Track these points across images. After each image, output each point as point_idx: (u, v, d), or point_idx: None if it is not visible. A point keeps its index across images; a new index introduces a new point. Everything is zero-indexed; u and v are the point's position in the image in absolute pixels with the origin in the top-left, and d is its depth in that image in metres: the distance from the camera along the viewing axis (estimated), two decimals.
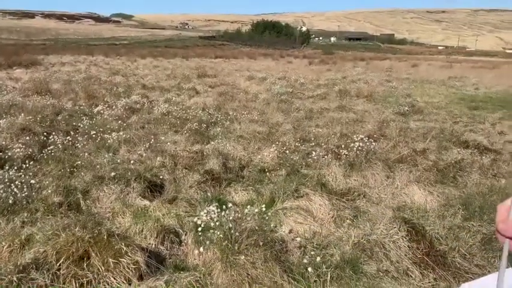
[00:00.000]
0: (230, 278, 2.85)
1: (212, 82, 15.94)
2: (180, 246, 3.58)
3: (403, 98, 13.18)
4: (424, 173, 5.36)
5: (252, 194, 4.62)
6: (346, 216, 3.97)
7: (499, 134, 8.23)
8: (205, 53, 44.38)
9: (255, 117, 9.10)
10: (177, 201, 4.30)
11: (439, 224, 3.72)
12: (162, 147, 6.25)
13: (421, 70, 27.11)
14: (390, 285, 2.92)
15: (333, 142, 6.90)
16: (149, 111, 9.34)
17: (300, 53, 56.25)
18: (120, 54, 34.96)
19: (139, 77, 17.41)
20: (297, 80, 17.50)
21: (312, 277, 2.99)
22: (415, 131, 8.02)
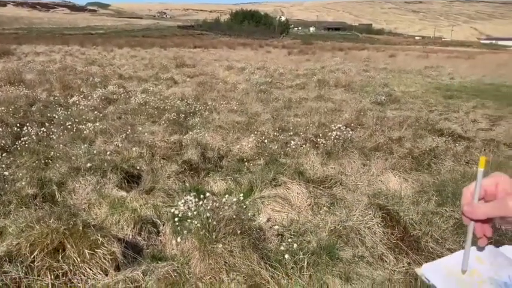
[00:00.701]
0: (208, 266, 2.86)
1: (191, 72, 15.80)
2: (158, 237, 3.57)
3: (381, 87, 13.34)
4: (399, 161, 5.46)
5: (231, 183, 4.63)
6: (323, 204, 4.03)
7: (472, 122, 8.43)
8: (184, 42, 43.87)
9: (234, 107, 9.07)
10: (155, 191, 4.27)
11: (413, 209, 3.81)
12: (140, 137, 6.18)
13: (399, 60, 27.46)
14: (365, 270, 2.98)
15: (311, 131, 6.94)
16: (126, 102, 9.21)
17: (279, 43, 56.12)
18: (96, 44, 34.26)
19: (116, 67, 17.12)
20: (276, 70, 17.50)
21: (289, 264, 3.03)
22: (391, 119, 8.14)
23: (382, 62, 24.55)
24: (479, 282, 0.75)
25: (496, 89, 14.66)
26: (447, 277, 0.77)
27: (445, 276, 0.77)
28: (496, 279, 0.75)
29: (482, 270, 0.77)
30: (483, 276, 0.76)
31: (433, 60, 28.10)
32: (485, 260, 0.79)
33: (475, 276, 0.77)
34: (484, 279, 0.76)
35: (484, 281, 0.75)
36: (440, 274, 0.78)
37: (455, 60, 29.36)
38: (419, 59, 28.63)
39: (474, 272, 0.77)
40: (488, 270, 0.77)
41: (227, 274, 2.76)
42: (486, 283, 0.75)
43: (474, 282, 0.75)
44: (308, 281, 2.88)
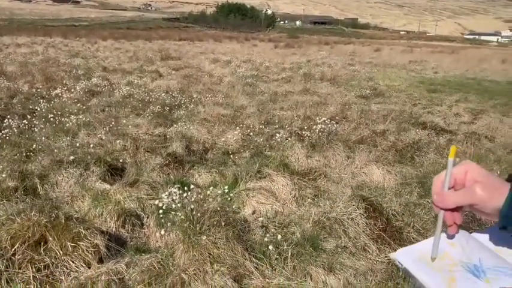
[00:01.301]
0: (192, 258, 2.86)
1: (176, 65, 15.67)
2: (142, 229, 3.56)
3: (365, 81, 13.43)
4: (383, 153, 5.52)
5: (216, 176, 4.62)
6: (308, 196, 4.05)
7: (455, 116, 8.56)
8: (169, 35, 43.46)
9: (220, 100, 9.04)
10: (139, 184, 4.24)
11: (395, 201, 3.86)
12: (124, 130, 6.13)
13: (384, 54, 27.68)
14: (348, 260, 3.01)
15: (297, 124, 6.96)
16: (110, 94, 9.09)
17: (265, 36, 55.99)
18: (80, 36, 33.68)
19: (100, 60, 16.88)
20: (262, 63, 17.48)
21: (273, 255, 3.05)
22: (375, 113, 8.21)
23: (367, 56, 24.70)
24: (451, 265, 0.77)
25: (478, 84, 14.89)
26: (419, 261, 0.79)
27: (417, 260, 0.79)
28: (467, 263, 0.77)
29: (454, 254, 0.79)
30: (454, 259, 0.78)
31: (417, 54, 28.39)
32: (457, 244, 0.81)
33: (446, 259, 0.78)
34: (455, 262, 0.77)
35: (455, 264, 0.77)
36: (413, 258, 0.80)
37: (439, 54, 29.72)
38: (404, 54, 28.89)
39: (446, 255, 0.79)
40: (459, 253, 0.79)
41: (211, 265, 2.76)
42: (457, 266, 0.76)
43: (445, 265, 0.77)
44: (292, 271, 2.91)
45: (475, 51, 37.47)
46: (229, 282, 2.64)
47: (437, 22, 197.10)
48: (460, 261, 0.77)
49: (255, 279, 2.77)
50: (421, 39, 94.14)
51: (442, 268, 0.76)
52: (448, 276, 0.74)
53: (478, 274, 0.74)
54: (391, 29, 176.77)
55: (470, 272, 0.75)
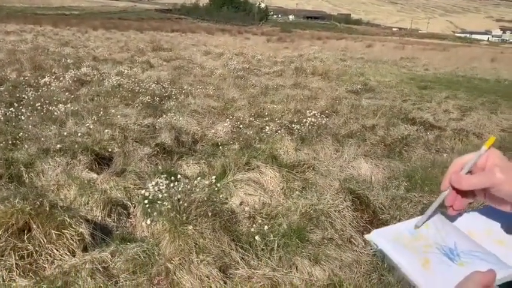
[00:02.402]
0: (178, 247, 2.85)
1: (167, 56, 15.55)
2: (128, 219, 3.54)
3: (357, 76, 13.46)
4: (372, 148, 5.54)
5: (204, 167, 4.60)
6: (296, 188, 4.06)
7: (444, 112, 8.61)
8: (161, 26, 43.09)
9: (211, 92, 9.00)
10: (126, 174, 4.21)
11: (382, 194, 3.88)
12: (112, 120, 6.07)
13: (375, 50, 27.75)
14: (334, 252, 3.02)
15: (287, 118, 6.96)
16: (99, 84, 9.00)
17: (258, 29, 55.79)
18: (71, 25, 33.27)
19: (90, 49, 16.69)
20: (254, 56, 17.42)
21: (259, 245, 3.05)
22: (366, 108, 8.24)
23: (359, 52, 24.73)
24: (425, 247, 0.77)
25: (468, 81, 15.01)
26: (394, 242, 0.79)
27: (392, 241, 0.79)
28: (442, 245, 0.77)
29: (429, 236, 0.79)
30: (429, 241, 0.78)
31: (409, 51, 28.51)
32: (433, 226, 0.81)
33: (421, 241, 0.78)
34: (430, 243, 0.77)
35: (430, 245, 0.77)
36: (388, 239, 0.80)
37: (431, 52, 29.88)
38: (395, 50, 29.00)
39: (421, 236, 0.79)
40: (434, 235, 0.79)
41: (197, 255, 2.75)
42: (432, 248, 0.76)
43: (420, 246, 0.77)
44: (278, 262, 2.91)
45: (465, 50, 37.73)
46: (214, 272, 2.63)
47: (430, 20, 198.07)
48: (435, 243, 0.77)
49: (241, 269, 2.77)
50: (413, 36, 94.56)
51: (416, 249, 0.76)
52: (422, 257, 0.74)
53: (452, 257, 0.74)
54: (384, 26, 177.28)
55: (445, 255, 0.75)
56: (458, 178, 0.77)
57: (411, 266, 0.73)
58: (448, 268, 0.72)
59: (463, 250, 0.76)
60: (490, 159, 0.76)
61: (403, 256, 0.75)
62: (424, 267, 0.73)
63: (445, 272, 0.71)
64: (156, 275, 2.64)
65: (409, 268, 0.73)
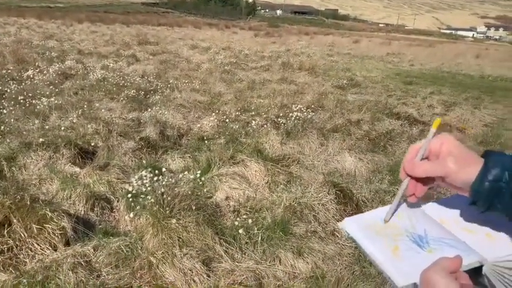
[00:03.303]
0: (161, 241, 2.84)
1: (154, 50, 15.41)
2: (112, 213, 3.51)
3: (343, 72, 13.51)
4: (356, 142, 5.58)
5: (189, 161, 4.59)
6: (280, 182, 4.07)
7: (428, 107, 8.70)
8: (148, 20, 42.63)
9: (197, 86, 8.96)
10: (110, 168, 4.17)
11: (366, 188, 3.92)
12: (97, 114, 6.01)
13: (362, 46, 27.87)
14: (317, 244, 3.05)
15: (273, 112, 6.97)
16: (84, 77, 8.88)
17: (245, 24, 55.56)
18: (55, 18, 32.69)
19: (75, 42, 16.45)
20: (241, 51, 17.37)
21: (243, 239, 3.06)
22: (351, 103, 8.28)
23: (346, 48, 24.84)
24: (396, 234, 0.78)
25: (453, 77, 15.18)
26: (366, 229, 0.79)
27: (364, 229, 0.80)
28: (412, 233, 0.78)
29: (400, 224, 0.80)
30: (400, 229, 0.79)
31: (395, 47, 28.71)
32: (405, 215, 0.82)
33: (392, 228, 0.80)
34: (400, 231, 0.78)
35: (401, 233, 0.78)
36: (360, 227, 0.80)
37: (416, 48, 30.13)
38: (382, 46, 29.17)
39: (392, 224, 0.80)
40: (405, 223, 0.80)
41: (180, 249, 2.75)
42: (402, 235, 0.77)
43: (391, 234, 0.78)
44: (261, 255, 2.93)
45: (451, 46, 38.13)
46: (197, 265, 2.63)
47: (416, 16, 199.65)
48: (405, 231, 0.79)
49: (224, 262, 2.78)
50: (399, 32, 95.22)
51: (387, 236, 0.77)
52: (392, 244, 0.75)
53: (421, 244, 0.75)
54: (371, 21, 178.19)
55: (414, 242, 0.76)
56: (411, 165, 0.77)
57: (381, 253, 0.74)
58: (417, 255, 0.73)
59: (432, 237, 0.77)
60: (444, 146, 0.75)
61: (373, 243, 0.76)
62: (394, 253, 0.74)
63: (414, 258, 0.73)
64: (139, 269, 2.63)
65: (378, 255, 0.74)
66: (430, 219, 0.82)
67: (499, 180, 0.69)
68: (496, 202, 0.70)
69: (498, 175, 0.69)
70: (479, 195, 0.70)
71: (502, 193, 0.69)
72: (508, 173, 0.69)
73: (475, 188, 0.70)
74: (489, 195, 0.70)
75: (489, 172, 0.69)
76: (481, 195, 0.70)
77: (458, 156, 0.73)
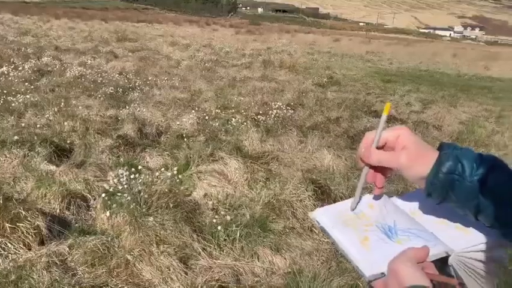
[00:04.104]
0: (138, 239, 2.82)
1: (133, 46, 15.23)
2: (88, 211, 3.46)
3: (323, 70, 13.61)
4: (335, 139, 5.64)
5: (168, 158, 4.55)
6: (259, 179, 4.08)
7: (406, 105, 8.84)
8: (127, 16, 42.09)
9: (177, 83, 8.90)
10: (86, 166, 4.11)
11: (344, 184, 3.97)
12: (73, 111, 5.91)
13: (342, 45, 28.10)
14: (295, 240, 3.07)
15: (254, 110, 6.98)
16: (61, 74, 8.72)
17: (226, 21, 55.36)
18: (32, 14, 31.92)
19: (52, 39, 16.12)
20: (222, 48, 17.31)
21: (221, 236, 3.05)
22: (331, 100, 8.36)
23: (326, 46, 25.01)
24: (366, 225, 0.79)
25: (430, 76, 15.46)
26: (336, 219, 0.80)
27: (334, 219, 0.81)
28: (382, 224, 0.79)
29: (371, 215, 0.82)
30: (370, 220, 0.80)
31: (374, 46, 29.04)
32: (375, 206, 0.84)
33: (363, 219, 0.81)
34: (370, 222, 0.80)
35: (371, 224, 0.79)
36: (330, 217, 0.81)
37: (395, 46, 30.56)
38: (361, 44, 29.46)
39: (363, 215, 0.82)
40: (376, 215, 0.82)
41: (157, 246, 2.73)
42: (372, 226, 0.79)
43: (361, 224, 0.79)
44: (240, 252, 2.93)
45: (429, 45, 38.80)
46: (175, 263, 2.62)
47: (395, 15, 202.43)
48: (375, 221, 0.80)
49: (202, 259, 2.78)
50: (379, 31, 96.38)
51: (357, 227, 0.78)
52: (362, 234, 0.77)
53: (390, 235, 0.77)
54: (351, 20, 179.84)
55: (383, 233, 0.77)
56: (367, 152, 0.77)
57: (349, 243, 0.75)
58: (386, 245, 0.75)
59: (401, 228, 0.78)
60: (400, 139, 0.76)
61: (343, 233, 0.77)
62: (363, 244, 0.75)
63: (382, 248, 0.74)
64: (116, 267, 2.61)
65: (347, 245, 0.75)
66: (400, 211, 0.84)
67: (453, 172, 0.70)
68: (450, 194, 0.72)
69: (452, 167, 0.71)
70: (434, 187, 0.72)
71: (456, 185, 0.70)
72: (461, 165, 0.70)
73: (430, 180, 0.72)
74: (443, 186, 0.71)
75: (443, 164, 0.71)
76: (435, 187, 0.72)
77: (412, 151, 0.74)
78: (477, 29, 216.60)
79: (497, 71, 18.52)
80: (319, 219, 0.82)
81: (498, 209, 0.69)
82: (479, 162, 0.71)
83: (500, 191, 0.69)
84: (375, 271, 0.70)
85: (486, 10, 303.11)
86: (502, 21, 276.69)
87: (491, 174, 0.69)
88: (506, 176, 0.70)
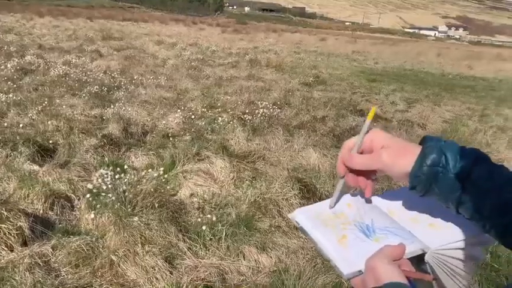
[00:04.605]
0: (123, 239, 2.80)
1: (118, 45, 15.08)
2: (73, 211, 3.42)
3: (310, 69, 13.66)
4: (321, 138, 5.67)
5: (153, 158, 4.53)
6: (246, 178, 4.08)
7: (391, 104, 8.93)
8: (113, 15, 41.65)
9: (163, 82, 8.85)
10: (70, 165, 4.06)
11: (329, 182, 3.99)
12: (57, 110, 5.84)
13: (329, 44, 28.25)
14: (281, 239, 3.09)
15: (240, 109, 6.97)
16: (45, 73, 8.60)
17: (213, 20, 55.18)
18: (15, 11, 31.39)
19: (35, 37, 15.88)
20: (208, 47, 17.26)
21: (207, 235, 3.05)
22: (317, 100, 8.40)
23: (313, 45, 25.11)
24: (344, 224, 0.80)
25: (415, 75, 15.64)
26: (315, 219, 0.81)
27: (313, 219, 0.81)
28: (360, 222, 0.80)
29: (349, 214, 0.83)
30: (348, 219, 0.81)
31: (360, 45, 29.26)
32: (353, 205, 0.85)
33: (341, 218, 0.82)
34: (349, 221, 0.81)
35: (349, 223, 0.80)
36: (309, 217, 0.82)
37: (381, 46, 30.84)
38: (347, 44, 29.66)
39: (341, 215, 0.83)
40: (354, 214, 0.83)
41: (142, 246, 2.72)
42: (350, 225, 0.80)
43: (339, 223, 0.80)
44: (225, 251, 2.93)
45: (413, 45, 39.25)
46: (160, 263, 2.61)
47: (381, 15, 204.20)
48: (353, 220, 0.81)
49: (188, 259, 2.77)
50: (364, 30, 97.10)
51: (335, 226, 0.79)
52: (340, 233, 0.78)
53: (368, 233, 0.78)
54: (337, 20, 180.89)
55: (361, 231, 0.78)
56: (350, 157, 0.78)
57: (328, 242, 0.76)
58: (363, 243, 0.76)
59: (379, 227, 0.80)
60: (375, 141, 0.77)
61: (321, 232, 0.78)
62: (340, 242, 0.76)
63: (360, 246, 0.75)
64: (100, 268, 2.58)
65: (325, 244, 0.76)
66: (378, 210, 0.85)
67: (437, 165, 0.71)
68: (433, 186, 0.72)
69: (436, 159, 0.71)
70: (418, 180, 0.72)
71: (440, 177, 0.71)
72: (445, 157, 0.71)
73: (414, 172, 0.72)
74: (428, 179, 0.72)
75: (427, 157, 0.72)
76: (420, 179, 0.72)
77: (392, 149, 0.75)
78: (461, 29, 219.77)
79: (480, 71, 18.83)
80: (299, 219, 0.82)
81: (479, 200, 0.70)
82: (462, 155, 0.71)
83: (481, 183, 0.69)
84: (352, 269, 0.71)
85: (469, 10, 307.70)
86: (485, 22, 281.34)
87: (475, 167, 0.70)
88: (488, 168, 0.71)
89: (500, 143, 6.50)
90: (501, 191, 0.68)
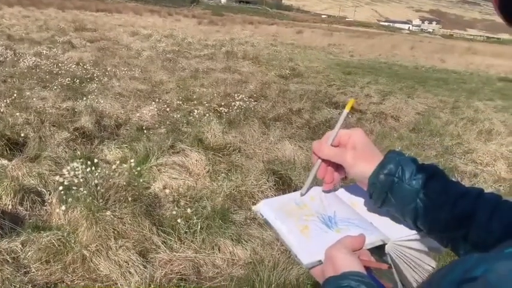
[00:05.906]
0: (95, 234, 2.75)
1: (91, 36, 14.75)
2: (43, 206, 3.34)
3: (286, 61, 13.68)
4: (297, 130, 5.70)
5: (127, 151, 4.46)
6: (221, 170, 4.07)
7: (365, 96, 9.03)
8: (86, 5, 40.57)
9: (137, 74, 8.71)
10: (41, 159, 3.95)
11: (304, 174, 4.01)
12: (27, 103, 5.67)
13: (305, 37, 28.35)
14: (256, 231, 3.09)
15: (216, 101, 6.93)
16: (14, 65, 8.34)
17: (189, 12, 54.51)
18: None
19: (4, 27, 15.35)
20: (184, 39, 17.06)
21: (182, 229, 3.03)
22: (293, 92, 8.42)
23: (289, 38, 25.13)
24: (307, 215, 0.81)
25: (389, 68, 15.87)
26: (278, 210, 0.82)
27: (276, 210, 0.82)
28: (322, 214, 0.81)
29: (312, 206, 0.83)
30: (312, 211, 0.82)
31: (336, 38, 29.48)
32: (316, 197, 0.86)
33: (305, 209, 0.82)
34: (312, 213, 0.82)
35: (312, 214, 0.81)
36: (273, 208, 0.82)
37: (356, 39, 31.14)
38: (324, 37, 29.83)
39: (305, 206, 0.83)
40: (317, 206, 0.83)
41: (115, 241, 2.68)
42: (313, 216, 0.81)
43: (303, 215, 0.81)
44: (201, 244, 2.92)
45: (388, 38, 39.79)
46: (133, 257, 2.58)
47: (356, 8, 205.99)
48: (316, 212, 0.82)
49: (162, 252, 2.75)
50: (340, 23, 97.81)
51: (298, 217, 0.80)
52: (302, 224, 0.78)
53: (330, 225, 0.79)
54: (313, 12, 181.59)
55: (323, 223, 0.79)
56: (320, 146, 0.81)
57: (289, 232, 0.76)
58: (325, 234, 0.77)
59: (341, 218, 0.81)
60: (351, 139, 0.80)
61: (283, 223, 0.78)
62: (303, 233, 0.76)
63: (321, 237, 0.76)
64: (72, 263, 2.54)
65: (287, 234, 0.76)
66: (341, 202, 0.86)
67: (393, 175, 0.74)
68: (389, 196, 0.75)
69: (392, 170, 0.75)
70: (374, 187, 0.76)
71: (395, 187, 0.74)
72: (402, 169, 0.74)
73: (371, 179, 0.76)
74: (383, 187, 0.75)
75: (385, 167, 0.75)
76: (375, 186, 0.76)
77: (359, 152, 0.78)
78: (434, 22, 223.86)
79: (452, 64, 19.26)
80: (263, 211, 0.83)
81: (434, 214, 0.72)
82: (419, 169, 0.75)
83: (435, 197, 0.72)
84: (312, 259, 0.72)
85: (442, 4, 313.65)
86: (457, 16, 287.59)
87: (429, 181, 0.73)
88: (443, 183, 0.74)
89: (470, 134, 6.67)
90: (454, 206, 0.71)
